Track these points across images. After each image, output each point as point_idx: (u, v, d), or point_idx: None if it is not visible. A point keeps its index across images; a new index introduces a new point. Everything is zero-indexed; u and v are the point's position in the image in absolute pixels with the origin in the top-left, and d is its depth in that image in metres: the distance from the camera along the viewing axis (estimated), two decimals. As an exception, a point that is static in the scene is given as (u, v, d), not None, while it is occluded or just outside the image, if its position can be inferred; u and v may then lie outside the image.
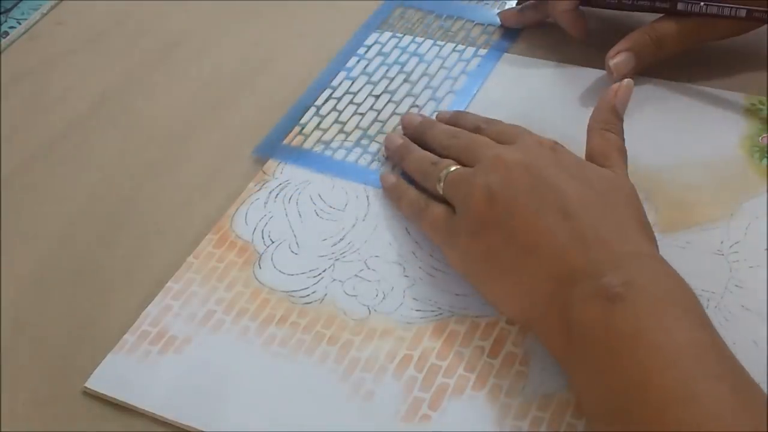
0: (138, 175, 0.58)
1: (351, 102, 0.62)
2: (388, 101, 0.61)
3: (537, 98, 0.60)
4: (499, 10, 0.66)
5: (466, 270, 0.48)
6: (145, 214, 0.56)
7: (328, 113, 0.61)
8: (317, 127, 0.60)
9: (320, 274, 0.51)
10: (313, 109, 0.61)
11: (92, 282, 0.52)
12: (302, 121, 0.60)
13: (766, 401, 0.37)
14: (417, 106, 0.61)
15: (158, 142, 0.61)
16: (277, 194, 0.55)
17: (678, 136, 0.56)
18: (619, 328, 0.39)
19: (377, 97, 0.62)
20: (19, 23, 0.72)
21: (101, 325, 0.50)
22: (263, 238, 0.53)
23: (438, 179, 0.50)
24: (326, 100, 0.62)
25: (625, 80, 0.53)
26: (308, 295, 0.50)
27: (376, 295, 0.49)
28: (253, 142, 0.59)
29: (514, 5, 0.66)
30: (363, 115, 0.61)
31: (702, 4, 0.57)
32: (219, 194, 0.56)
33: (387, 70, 0.64)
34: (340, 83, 0.63)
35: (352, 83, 0.63)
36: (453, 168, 0.50)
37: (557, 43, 0.64)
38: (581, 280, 0.42)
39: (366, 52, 0.65)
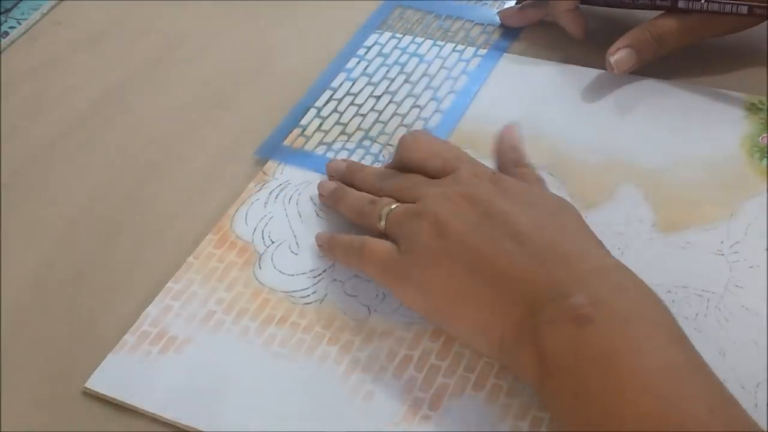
0: (138, 175, 0.58)
1: (352, 103, 0.62)
2: (389, 102, 0.61)
3: (538, 98, 0.60)
4: (498, 10, 0.66)
5: (426, 306, 0.46)
6: (145, 214, 0.56)
7: (329, 114, 0.61)
8: (318, 128, 0.60)
9: (320, 274, 0.51)
10: (314, 111, 0.61)
11: (92, 282, 0.52)
12: (303, 122, 0.60)
13: (743, 414, 0.37)
14: (418, 106, 0.60)
15: (158, 142, 0.61)
16: (278, 195, 0.55)
17: (678, 135, 0.56)
18: (590, 353, 0.38)
19: (378, 98, 0.62)
20: (19, 23, 0.72)
21: (101, 325, 0.50)
22: (263, 238, 0.53)
23: (379, 217, 0.49)
24: (327, 102, 0.62)
25: (508, 124, 0.53)
26: (308, 296, 0.50)
27: (376, 296, 0.49)
28: (252, 143, 0.59)
29: (513, 4, 0.66)
30: (364, 116, 0.61)
31: (703, 1, 0.57)
32: (219, 194, 0.56)
33: (387, 71, 0.64)
34: (340, 84, 0.63)
35: (353, 84, 0.63)
36: (394, 206, 0.48)
37: (558, 42, 0.64)
38: (548, 302, 0.41)
39: (366, 52, 0.65)
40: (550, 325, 0.40)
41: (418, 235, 0.45)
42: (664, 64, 0.59)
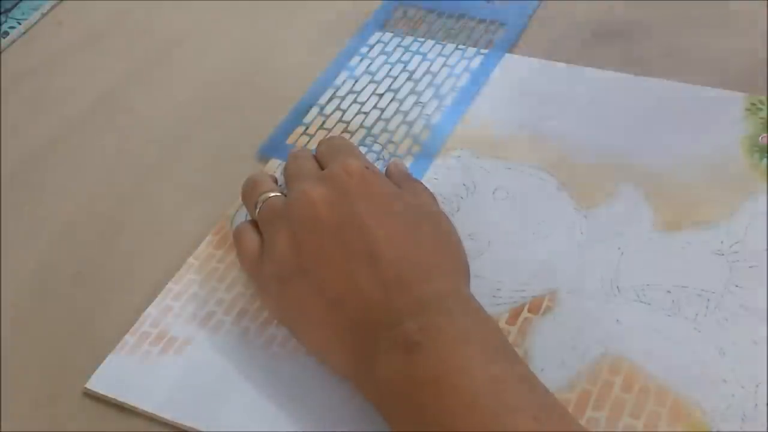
0: (138, 175, 0.58)
1: (354, 101, 0.62)
2: (392, 99, 0.61)
3: (539, 97, 0.60)
4: None
5: (282, 319, 0.47)
6: (145, 214, 0.56)
7: (332, 113, 0.61)
8: (321, 126, 0.60)
9: (320, 274, 0.51)
10: (316, 109, 0.61)
11: (92, 282, 0.52)
12: (305, 120, 0.60)
13: (571, 420, 0.38)
14: (420, 103, 0.61)
15: (158, 143, 0.61)
16: (278, 194, 0.55)
17: (678, 135, 0.56)
18: (420, 378, 0.39)
19: (381, 95, 0.62)
20: (19, 23, 0.72)
21: (101, 325, 0.50)
22: (263, 238, 0.53)
23: (255, 204, 0.49)
24: (330, 100, 0.62)
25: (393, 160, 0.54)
26: (308, 296, 0.50)
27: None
28: (253, 142, 0.59)
29: None
30: (367, 114, 0.61)
31: None
32: (219, 194, 0.56)
33: (390, 69, 0.64)
34: (343, 82, 0.63)
35: (355, 82, 0.63)
36: (271, 195, 0.49)
37: (559, 42, 0.64)
38: (383, 331, 0.41)
39: (369, 51, 0.65)
40: (384, 353, 0.40)
41: (275, 245, 0.46)
42: (663, 63, 0.59)
